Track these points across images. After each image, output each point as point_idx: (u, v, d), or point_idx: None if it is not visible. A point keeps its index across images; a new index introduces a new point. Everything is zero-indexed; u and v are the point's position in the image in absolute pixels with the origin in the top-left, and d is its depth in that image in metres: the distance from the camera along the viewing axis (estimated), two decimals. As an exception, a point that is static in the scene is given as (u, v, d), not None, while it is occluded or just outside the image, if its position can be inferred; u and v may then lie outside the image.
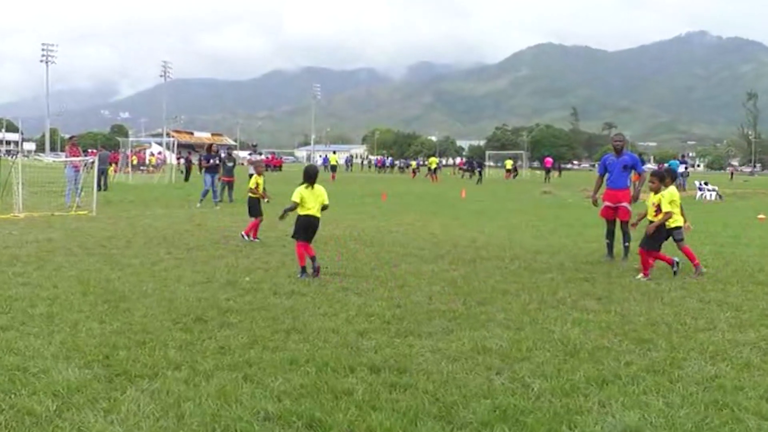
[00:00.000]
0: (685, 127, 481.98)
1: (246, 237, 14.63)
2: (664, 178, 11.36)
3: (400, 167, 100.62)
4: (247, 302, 8.53)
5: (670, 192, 11.15)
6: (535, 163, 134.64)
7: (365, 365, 6.07)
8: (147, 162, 71.75)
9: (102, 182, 32.06)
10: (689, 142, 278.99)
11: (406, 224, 18.80)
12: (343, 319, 7.74)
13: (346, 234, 16.11)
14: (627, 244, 12.58)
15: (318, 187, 11.00)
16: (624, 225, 12.64)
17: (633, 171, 13.08)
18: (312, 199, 10.88)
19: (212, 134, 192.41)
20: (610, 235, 12.86)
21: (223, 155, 26.57)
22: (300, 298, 8.84)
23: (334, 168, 57.76)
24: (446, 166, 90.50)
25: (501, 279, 10.55)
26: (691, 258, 11.47)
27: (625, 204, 12.60)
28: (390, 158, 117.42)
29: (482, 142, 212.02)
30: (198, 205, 23.20)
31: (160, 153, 79.06)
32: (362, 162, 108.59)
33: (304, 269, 10.58)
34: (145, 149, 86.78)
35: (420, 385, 5.57)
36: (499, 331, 7.36)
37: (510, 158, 75.28)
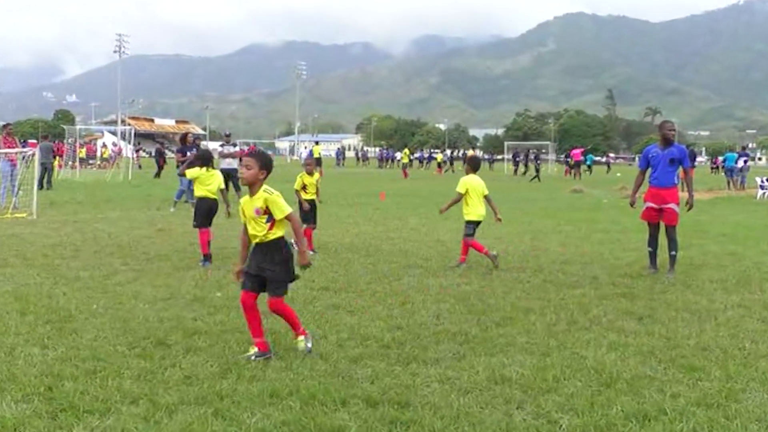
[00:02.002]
0: (744, 113, 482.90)
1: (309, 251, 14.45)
2: (476, 165, 13.71)
3: (418, 160, 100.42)
4: (218, 322, 8.53)
5: (467, 180, 13.23)
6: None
7: (360, 398, 6.07)
8: (98, 155, 71.91)
9: (44, 179, 32.08)
10: (748, 131, 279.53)
11: (408, 229, 18.82)
12: (333, 343, 7.74)
13: (336, 241, 16.12)
14: (674, 252, 12.52)
15: (215, 171, 13.43)
16: (670, 230, 12.56)
17: (680, 166, 12.97)
18: (210, 183, 13.20)
19: (177, 121, 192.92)
20: (653, 242, 12.81)
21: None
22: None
23: (319, 162, 57.45)
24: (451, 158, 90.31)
25: (522, 295, 10.56)
26: (464, 251, 13.17)
27: (672, 205, 12.49)
28: (387, 150, 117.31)
29: (500, 131, 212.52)
30: (172, 209, 23.02)
31: (114, 144, 79.23)
32: (357, 155, 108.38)
33: (206, 257, 12.73)
34: (96, 140, 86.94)
35: (426, 422, 5.57)
36: (521, 357, 7.36)
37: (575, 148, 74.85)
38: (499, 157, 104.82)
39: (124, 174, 45.49)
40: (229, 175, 26.81)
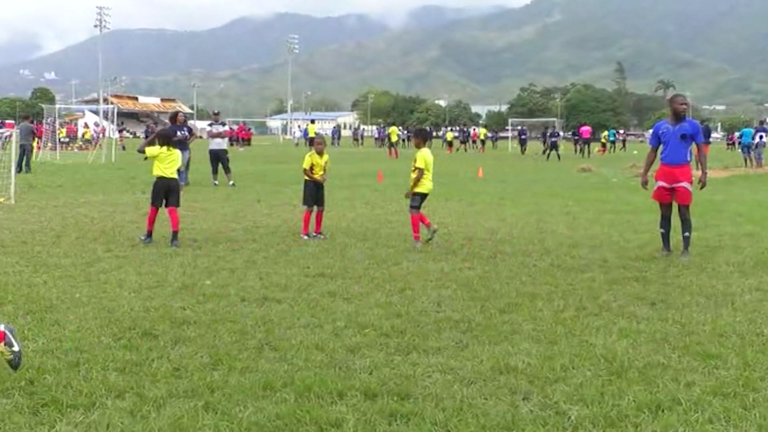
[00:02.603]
0: (762, 86, 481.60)
1: (307, 236, 14.29)
2: (426, 137, 14.68)
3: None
4: (207, 311, 8.55)
5: (424, 154, 13.85)
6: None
7: (358, 390, 6.08)
8: (80, 136, 71.85)
9: (23, 162, 32.02)
10: (767, 105, 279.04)
11: (407, 212, 18.77)
12: (329, 332, 7.75)
13: (332, 225, 16.10)
14: (687, 234, 12.49)
15: (175, 151, 13.81)
16: (683, 210, 12.53)
17: (693, 143, 12.89)
18: (169, 162, 13.61)
19: (162, 99, 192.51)
20: (666, 222, 12.80)
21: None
22: (274, 306, 8.86)
23: (313, 141, 57.15)
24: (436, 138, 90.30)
25: (528, 280, 10.58)
26: (416, 227, 13.77)
27: (684, 184, 12.45)
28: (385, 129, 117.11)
29: (504, 107, 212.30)
30: None
31: (96, 124, 79.11)
32: (355, 134, 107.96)
33: (150, 234, 13.50)
34: (76, 119, 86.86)
35: (427, 414, 5.58)
36: (527, 345, 7.38)
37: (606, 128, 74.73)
38: (503, 134, 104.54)
39: (107, 156, 45.42)
40: (218, 156, 26.83)
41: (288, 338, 7.49)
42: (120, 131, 63.57)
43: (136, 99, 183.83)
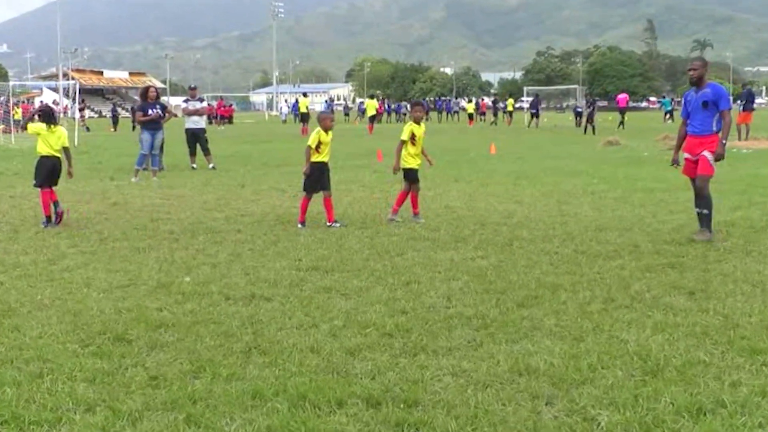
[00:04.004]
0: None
1: (303, 225, 14.31)
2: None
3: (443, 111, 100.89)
4: (188, 312, 8.56)
5: (410, 125, 14.83)
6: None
7: (359, 397, 6.09)
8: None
9: (-26, 147, 31.99)
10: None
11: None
12: (325, 333, 7.77)
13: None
14: (706, 210, 12.51)
15: (59, 128, 14.97)
16: (700, 181, 12.52)
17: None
18: (53, 140, 14.72)
19: (130, 74, 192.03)
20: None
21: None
22: (263, 304, 8.87)
23: (305, 118, 56.80)
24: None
25: (549, 269, 10.59)
26: (398, 203, 14.87)
27: (705, 152, 12.44)
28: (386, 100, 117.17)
29: (518, 74, 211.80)
30: (134, 179, 22.84)
31: (55, 103, 79.06)
32: (345, 108, 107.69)
33: (49, 218, 14.30)
34: (33, 97, 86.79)
35: (438, 424, 5.60)
36: (549, 342, 7.39)
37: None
38: (518, 105, 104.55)
39: (69, 138, 45.26)
40: (196, 136, 26.79)
41: (279, 340, 7.50)
42: (81, 110, 63.25)
43: (101, 73, 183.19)
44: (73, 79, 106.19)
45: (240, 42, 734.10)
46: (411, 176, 14.88)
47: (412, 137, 14.81)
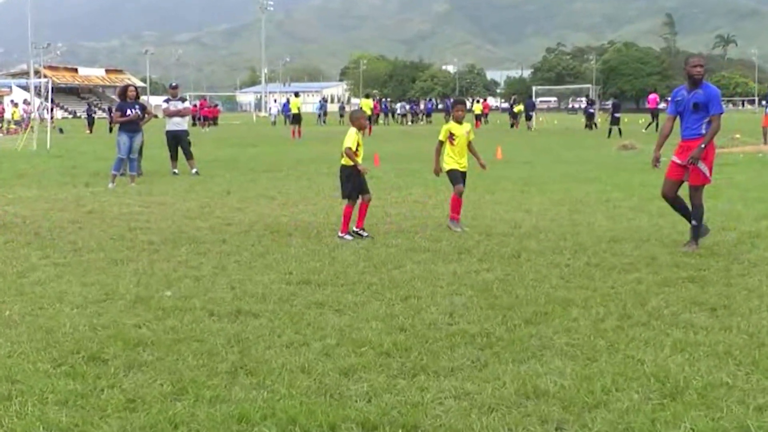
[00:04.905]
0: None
1: (345, 235, 14.12)
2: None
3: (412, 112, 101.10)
4: (168, 329, 8.55)
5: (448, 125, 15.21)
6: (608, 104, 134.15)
7: (353, 421, 6.09)
8: (7, 117, 71.80)
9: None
10: None
11: (411, 202, 18.84)
12: (317, 352, 7.76)
13: (319, 220, 16.15)
14: (695, 222, 12.67)
15: None
16: (693, 193, 12.70)
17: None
18: None
19: (107, 71, 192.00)
20: (672, 205, 13.17)
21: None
22: (250, 321, 8.87)
23: (297, 119, 56.60)
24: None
25: (560, 283, 10.60)
26: (453, 209, 15.02)
27: (699, 163, 12.55)
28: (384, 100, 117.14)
29: (527, 73, 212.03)
30: (111, 185, 22.79)
31: (26, 102, 79.10)
32: (341, 109, 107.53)
33: None
34: (2, 96, 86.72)
35: (439, 450, 5.59)
36: (559, 362, 7.40)
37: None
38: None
39: (40, 141, 45.36)
40: (177, 139, 26.77)
41: (267, 360, 7.50)
42: (51, 110, 62.99)
43: (76, 71, 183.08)
44: (45, 76, 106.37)
45: (226, 37, 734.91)
46: (455, 177, 14.99)
47: (451, 137, 14.97)
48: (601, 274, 11.08)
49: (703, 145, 12.53)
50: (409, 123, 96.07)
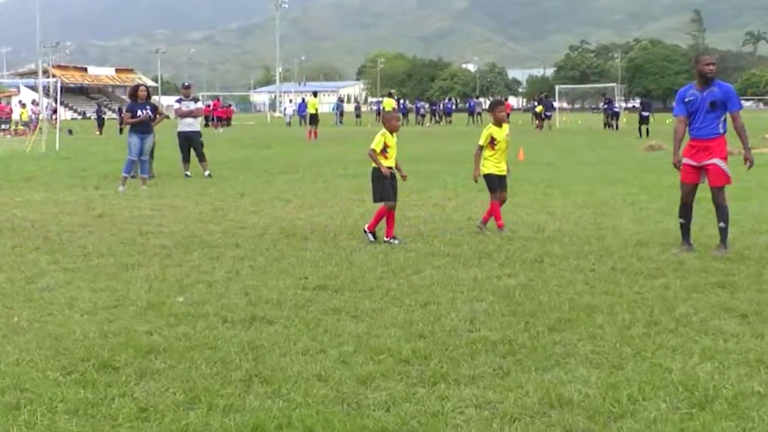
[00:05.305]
0: None
1: (369, 234, 14.16)
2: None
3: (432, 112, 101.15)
4: (181, 336, 8.58)
5: (489, 129, 15.10)
6: (634, 103, 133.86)
7: (372, 431, 6.10)
8: (15, 118, 72.10)
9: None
10: None
11: (431, 205, 18.84)
12: (334, 359, 7.77)
13: (336, 224, 16.16)
14: (723, 224, 12.65)
15: None
16: (717, 194, 12.65)
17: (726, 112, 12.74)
18: None
19: (117, 70, 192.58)
20: (687, 210, 13.07)
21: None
22: (265, 328, 8.88)
23: (314, 120, 56.16)
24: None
25: (584, 288, 10.59)
26: (496, 216, 14.99)
27: (715, 160, 12.52)
28: (404, 102, 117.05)
29: (549, 71, 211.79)
30: (121, 188, 22.81)
31: (35, 103, 79.41)
32: (357, 109, 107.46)
33: None
34: (10, 97, 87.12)
35: (460, 461, 5.59)
36: (584, 371, 7.39)
37: None
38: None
39: (49, 142, 45.52)
40: (190, 140, 26.80)
41: (283, 368, 7.51)
42: (54, 111, 62.84)
43: (85, 70, 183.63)
44: (54, 76, 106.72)
45: (239, 35, 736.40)
46: (492, 183, 14.94)
47: (492, 141, 14.88)
48: (627, 279, 11.06)
49: (749, 145, 12.67)
50: (428, 124, 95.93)
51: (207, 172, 26.29)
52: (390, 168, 14.16)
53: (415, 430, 6.08)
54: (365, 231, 14.06)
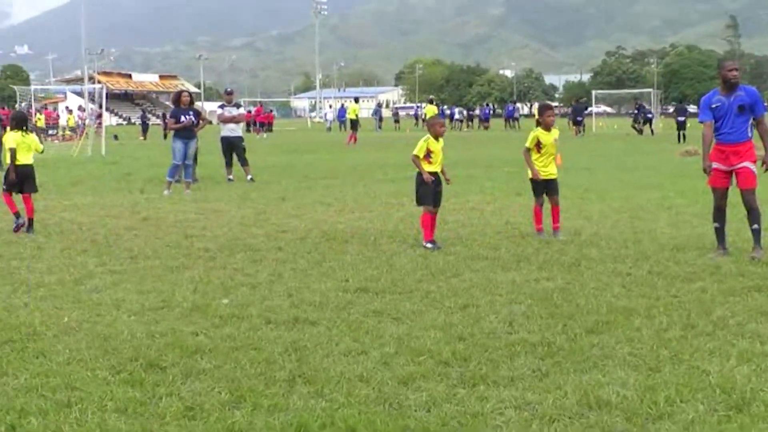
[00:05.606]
0: None
1: (428, 244, 13.98)
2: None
3: (480, 117, 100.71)
4: (226, 337, 8.64)
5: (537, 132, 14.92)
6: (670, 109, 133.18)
7: (413, 431, 6.12)
8: (62, 124, 72.61)
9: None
10: None
11: (469, 209, 18.82)
12: (376, 360, 7.81)
13: (376, 227, 16.17)
14: (756, 225, 12.63)
15: (31, 135, 16.61)
16: (748, 196, 12.64)
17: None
18: (26, 148, 16.16)
19: (161, 77, 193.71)
20: (721, 215, 13.01)
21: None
22: (308, 329, 8.93)
23: (354, 125, 56.05)
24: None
25: (622, 292, 10.56)
26: (536, 220, 15.11)
27: (746, 164, 12.56)
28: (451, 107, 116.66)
29: (586, 77, 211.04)
30: (166, 191, 22.98)
31: (81, 109, 79.87)
32: (395, 115, 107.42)
33: (18, 215, 16.06)
34: (57, 103, 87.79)
35: (500, 461, 5.61)
36: (622, 373, 7.38)
37: None
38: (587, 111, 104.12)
39: (95, 147, 45.84)
40: (232, 145, 26.91)
41: (325, 368, 7.56)
42: (98, 117, 62.95)
43: (130, 76, 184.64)
44: (99, 82, 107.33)
45: (280, 42, 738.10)
46: (537, 187, 14.94)
47: (538, 144, 14.84)
48: (664, 282, 11.02)
49: None
50: (465, 129, 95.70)
51: (249, 177, 26.35)
52: (434, 173, 14.05)
53: (456, 431, 6.10)
54: (424, 246, 13.88)
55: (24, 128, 16.29)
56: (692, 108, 69.69)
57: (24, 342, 8.51)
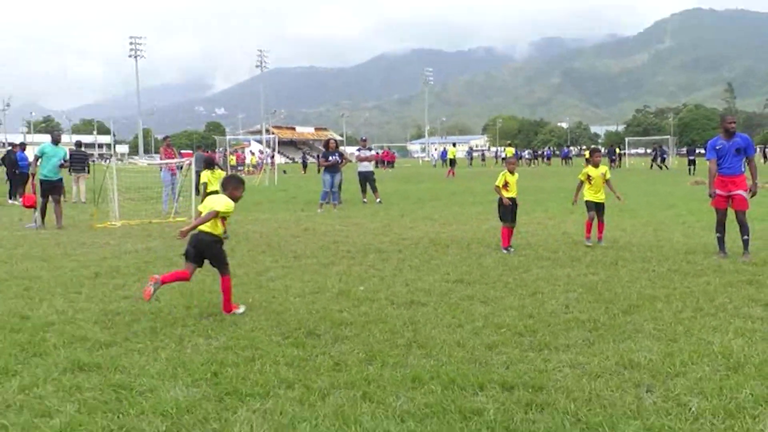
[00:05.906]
0: None
1: (506, 250, 13.81)
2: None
3: (543, 156, 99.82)
4: (362, 314, 8.70)
5: (586, 169, 15.00)
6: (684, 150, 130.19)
7: (496, 382, 6.10)
8: (247, 162, 73.94)
9: (199, 186, 33.06)
10: None
11: (535, 223, 18.65)
12: (469, 331, 7.79)
13: (468, 236, 16.12)
14: (746, 237, 12.62)
15: (219, 171, 16.66)
16: (740, 215, 12.71)
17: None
18: (215, 180, 16.00)
19: (316, 129, 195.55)
20: (722, 227, 12.98)
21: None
22: (420, 309, 8.95)
23: (453, 162, 57.20)
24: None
25: (648, 284, 10.37)
26: (587, 230, 14.68)
27: (740, 191, 12.69)
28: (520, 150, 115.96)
29: (621, 128, 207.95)
30: (319, 210, 23.35)
31: (260, 152, 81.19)
32: (482, 156, 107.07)
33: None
34: (243, 148, 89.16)
35: (559, 405, 5.57)
36: (648, 342, 7.26)
37: None
38: (623, 152, 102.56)
39: (270, 179, 46.60)
40: (366, 177, 27.14)
41: (433, 337, 7.57)
42: (271, 157, 63.96)
43: (294, 129, 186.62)
44: (272, 133, 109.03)
45: (399, 104, 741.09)
46: (589, 206, 14.86)
47: (588, 178, 14.90)
48: (679, 277, 10.81)
49: (757, 182, 12.91)
50: (531, 166, 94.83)
51: (378, 200, 26.45)
52: (511, 198, 14.04)
53: (527, 383, 6.06)
54: (503, 250, 13.72)
55: (212, 168, 16.63)
56: (699, 150, 68.10)
57: (222, 316, 8.67)
